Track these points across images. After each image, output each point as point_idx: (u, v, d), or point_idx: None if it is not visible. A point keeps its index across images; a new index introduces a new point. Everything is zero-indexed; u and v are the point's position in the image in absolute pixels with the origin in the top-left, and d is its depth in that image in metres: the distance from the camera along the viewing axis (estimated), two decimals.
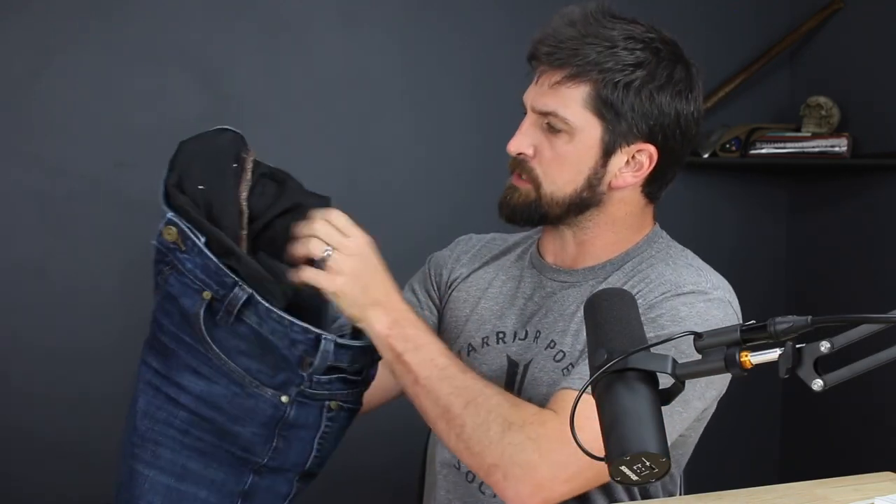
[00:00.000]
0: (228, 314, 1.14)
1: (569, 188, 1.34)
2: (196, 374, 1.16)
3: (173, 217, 1.13)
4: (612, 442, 0.84)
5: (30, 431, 2.29)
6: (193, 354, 1.16)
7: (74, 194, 2.31)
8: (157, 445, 1.17)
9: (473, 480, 1.39)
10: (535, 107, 1.33)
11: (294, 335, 1.15)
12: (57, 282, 2.31)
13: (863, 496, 1.18)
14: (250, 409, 1.17)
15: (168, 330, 1.17)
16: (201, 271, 1.14)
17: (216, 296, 1.14)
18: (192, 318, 1.15)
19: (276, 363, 1.16)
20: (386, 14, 2.55)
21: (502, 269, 1.49)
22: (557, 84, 1.31)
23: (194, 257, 1.13)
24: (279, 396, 1.17)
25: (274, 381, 1.17)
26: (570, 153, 1.32)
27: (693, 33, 2.81)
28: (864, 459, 2.59)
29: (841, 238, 2.75)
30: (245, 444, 1.18)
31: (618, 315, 0.93)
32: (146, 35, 2.34)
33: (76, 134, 2.31)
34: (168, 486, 1.17)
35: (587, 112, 1.31)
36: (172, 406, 1.17)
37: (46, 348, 2.30)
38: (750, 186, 2.92)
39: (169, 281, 1.15)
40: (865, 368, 0.84)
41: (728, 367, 0.86)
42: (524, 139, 1.34)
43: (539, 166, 1.34)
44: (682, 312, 1.28)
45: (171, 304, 1.16)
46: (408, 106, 2.57)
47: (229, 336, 1.15)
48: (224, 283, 1.14)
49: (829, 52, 2.78)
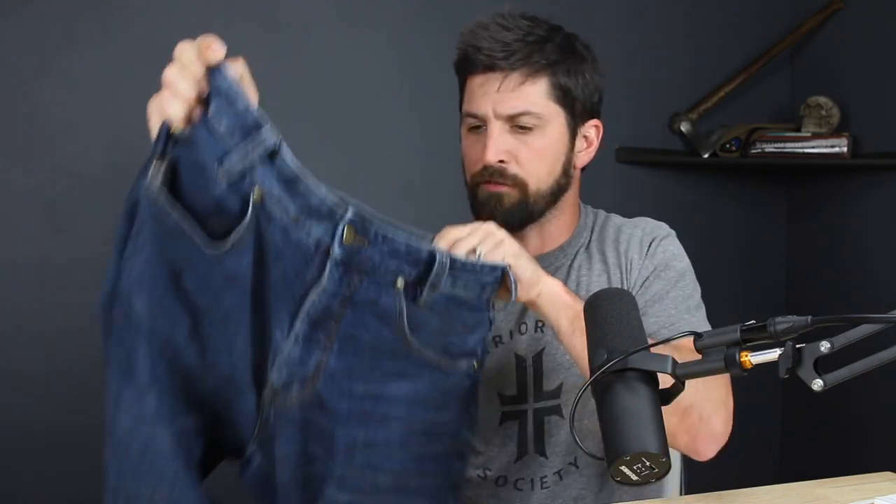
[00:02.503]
0: (434, 287, 1.10)
1: (551, 179, 1.41)
2: (399, 377, 1.12)
3: (351, 217, 1.06)
4: (611, 442, 0.84)
5: (30, 431, 2.29)
6: (393, 358, 1.11)
7: (74, 194, 2.31)
8: (377, 472, 1.13)
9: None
10: (501, 112, 1.37)
11: (484, 277, 1.15)
12: (57, 282, 2.31)
13: (863, 496, 1.18)
14: (451, 390, 1.16)
15: (363, 345, 1.10)
16: (391, 257, 1.08)
17: (408, 279, 1.09)
18: (393, 316, 1.09)
19: (465, 324, 1.15)
20: (386, 14, 2.55)
21: None
22: (521, 85, 1.36)
23: (381, 246, 1.07)
24: (472, 363, 1.17)
25: (464, 347, 1.16)
26: (546, 146, 1.39)
27: (693, 33, 2.84)
28: (864, 459, 2.59)
29: (841, 238, 2.75)
30: (452, 432, 1.17)
31: (618, 315, 0.93)
32: (146, 35, 2.33)
33: (76, 134, 2.31)
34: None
35: (551, 102, 1.38)
36: (385, 428, 1.12)
37: (46, 348, 2.30)
38: (750, 186, 2.92)
39: (362, 288, 1.08)
40: (865, 368, 0.84)
41: (728, 367, 0.86)
42: (499, 147, 1.38)
43: (520, 168, 1.38)
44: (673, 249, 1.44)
45: (365, 313, 1.09)
46: (408, 106, 2.57)
47: (423, 319, 1.11)
48: (418, 260, 1.10)
49: (829, 52, 2.78)
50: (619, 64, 2.70)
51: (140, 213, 1.04)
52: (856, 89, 2.68)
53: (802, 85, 2.84)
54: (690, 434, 1.23)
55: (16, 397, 2.28)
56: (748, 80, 2.80)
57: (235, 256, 1.03)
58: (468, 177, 1.43)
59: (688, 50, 2.82)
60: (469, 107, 1.41)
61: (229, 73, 1.00)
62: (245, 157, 1.00)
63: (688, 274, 1.43)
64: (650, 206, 2.79)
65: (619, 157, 2.74)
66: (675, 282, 1.41)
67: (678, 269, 1.42)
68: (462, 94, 1.45)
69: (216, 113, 0.99)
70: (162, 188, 1.01)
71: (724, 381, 1.26)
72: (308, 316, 1.06)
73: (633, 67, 2.74)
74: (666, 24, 2.81)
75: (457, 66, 1.45)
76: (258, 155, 1.01)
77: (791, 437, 2.91)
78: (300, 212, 1.04)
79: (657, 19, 2.80)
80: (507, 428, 1.43)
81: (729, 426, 1.25)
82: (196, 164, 1.00)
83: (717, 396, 1.24)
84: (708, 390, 1.22)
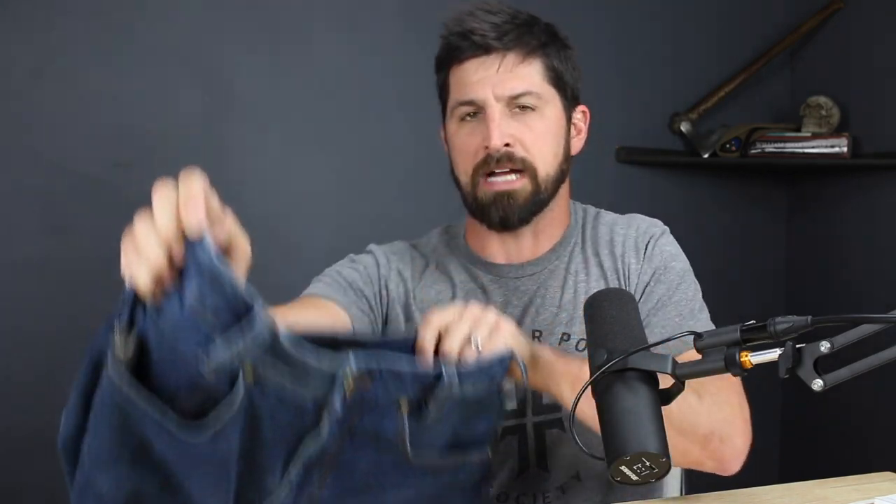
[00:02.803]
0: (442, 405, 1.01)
1: (556, 161, 1.37)
2: (399, 487, 1.04)
3: (352, 368, 0.96)
4: (611, 442, 0.84)
5: (30, 431, 2.29)
6: (393, 472, 1.03)
7: (74, 194, 2.31)
8: None
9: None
10: (501, 94, 1.32)
11: (492, 371, 1.05)
12: (57, 282, 2.31)
13: (863, 496, 1.18)
14: (460, 484, 1.08)
15: (360, 469, 1.01)
16: (395, 388, 0.98)
17: (412, 399, 1.00)
18: (394, 439, 1.00)
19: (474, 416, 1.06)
20: (385, 14, 2.55)
21: (446, 280, 1.44)
22: (518, 66, 1.33)
23: (385, 381, 0.98)
24: (485, 449, 1.09)
25: (474, 436, 1.07)
26: (548, 127, 1.35)
27: (693, 33, 2.84)
28: (864, 459, 2.59)
29: (841, 238, 2.75)
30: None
31: (618, 315, 0.93)
32: (146, 35, 2.33)
33: (76, 134, 2.31)
34: None
35: (546, 84, 1.36)
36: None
37: (47, 348, 2.30)
38: (750, 186, 2.92)
39: (363, 422, 0.98)
40: (865, 368, 0.84)
41: (728, 367, 0.86)
42: (503, 130, 1.33)
43: (526, 151, 1.34)
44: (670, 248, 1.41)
45: (365, 442, 1.00)
46: (407, 106, 2.56)
47: (427, 432, 1.02)
48: (424, 383, 1.00)
49: (829, 52, 2.78)
50: (620, 64, 2.71)
51: (101, 386, 0.92)
52: (856, 89, 2.68)
53: (802, 85, 2.84)
54: (715, 458, 1.21)
55: (16, 397, 2.28)
56: (748, 80, 2.80)
57: (218, 440, 0.92)
58: (465, 172, 1.37)
59: (688, 50, 2.82)
60: (462, 94, 1.35)
61: (210, 247, 0.83)
62: (234, 346, 0.87)
63: (687, 274, 1.40)
64: (650, 206, 2.80)
65: (619, 157, 2.74)
66: (677, 285, 1.37)
67: (678, 271, 1.39)
68: (446, 88, 1.39)
69: (198, 290, 0.84)
70: (126, 374, 0.89)
71: (735, 390, 1.24)
72: (303, 463, 0.98)
73: (634, 67, 2.74)
74: (666, 24, 2.81)
75: (441, 58, 1.39)
76: (250, 344, 0.87)
77: (791, 437, 2.91)
78: (297, 379, 0.93)
79: (657, 19, 2.80)
80: (507, 444, 1.38)
81: (749, 436, 1.22)
82: (169, 343, 0.87)
83: (731, 412, 1.22)
84: (721, 409, 1.21)
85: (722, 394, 1.21)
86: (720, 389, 1.21)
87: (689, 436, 1.18)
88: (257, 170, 2.44)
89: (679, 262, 1.40)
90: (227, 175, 2.43)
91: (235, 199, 1.18)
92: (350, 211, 2.53)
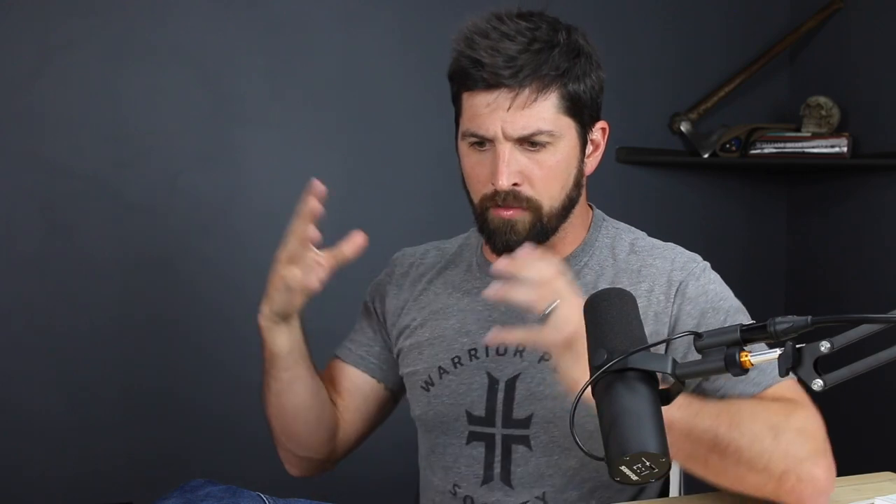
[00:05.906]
0: None
1: (563, 195, 1.32)
2: None
3: None
4: (611, 442, 0.84)
5: (30, 431, 2.29)
6: None
7: (74, 194, 2.31)
8: None
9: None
10: (511, 134, 1.27)
11: None
12: (57, 282, 2.31)
13: (863, 496, 1.18)
14: None
15: None
16: None
17: None
18: None
19: None
20: (386, 14, 2.54)
21: (452, 284, 1.45)
22: (531, 103, 1.27)
23: None
24: None
25: None
26: (559, 163, 1.30)
27: (694, 33, 2.83)
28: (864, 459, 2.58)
29: (841, 238, 2.75)
30: None
31: (618, 315, 0.93)
32: (146, 35, 2.33)
33: (76, 134, 2.31)
34: None
35: (562, 116, 1.29)
36: None
37: (46, 348, 2.30)
38: (750, 186, 2.92)
39: None
40: (865, 368, 0.84)
41: (728, 367, 0.86)
42: (511, 169, 1.28)
43: (533, 189, 1.30)
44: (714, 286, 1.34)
45: None
46: (407, 106, 2.56)
47: None
48: None
49: (829, 52, 2.78)
50: (620, 64, 2.70)
51: None
52: (856, 89, 2.68)
53: (802, 85, 2.84)
54: (794, 496, 1.17)
55: (16, 396, 2.28)
56: (748, 80, 2.80)
57: None
58: (475, 198, 1.34)
59: (688, 50, 2.82)
60: (472, 126, 1.29)
61: None
62: None
63: (739, 313, 1.32)
64: (650, 206, 2.81)
65: (620, 157, 2.74)
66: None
67: (725, 310, 1.31)
68: (459, 107, 1.34)
69: None
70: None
71: (813, 421, 1.21)
72: None
73: (634, 67, 2.74)
74: (666, 24, 2.81)
75: (453, 77, 1.33)
76: None
77: None
78: None
79: (658, 19, 2.80)
80: (474, 448, 1.36)
81: (832, 469, 1.19)
82: None
83: (814, 448, 1.19)
84: (804, 445, 1.18)
85: (808, 428, 1.19)
86: (807, 421, 1.20)
87: (762, 473, 1.16)
88: (257, 170, 2.44)
89: (726, 302, 1.33)
90: (227, 175, 2.43)
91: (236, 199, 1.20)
92: (350, 211, 2.52)
